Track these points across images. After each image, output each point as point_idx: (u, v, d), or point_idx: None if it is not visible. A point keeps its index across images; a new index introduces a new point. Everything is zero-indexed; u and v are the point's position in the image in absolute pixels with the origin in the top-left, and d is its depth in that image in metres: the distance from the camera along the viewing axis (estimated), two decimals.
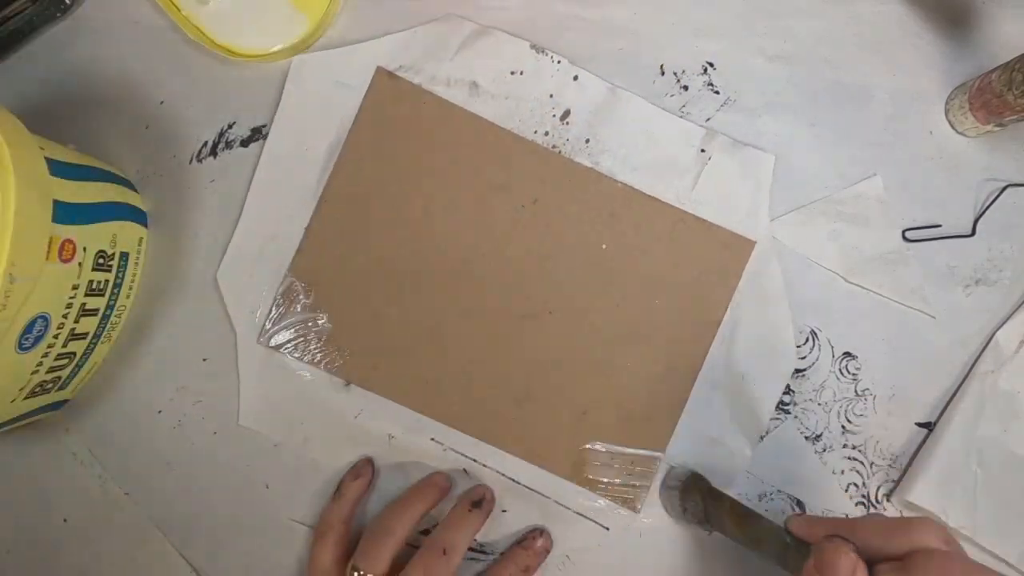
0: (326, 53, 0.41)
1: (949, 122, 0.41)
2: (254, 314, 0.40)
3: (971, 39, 0.41)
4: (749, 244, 0.40)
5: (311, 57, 0.41)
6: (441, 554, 0.34)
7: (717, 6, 0.41)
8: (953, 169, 0.41)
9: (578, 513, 0.39)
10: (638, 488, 0.39)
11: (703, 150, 0.40)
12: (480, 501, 0.37)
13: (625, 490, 0.39)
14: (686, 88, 0.41)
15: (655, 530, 0.39)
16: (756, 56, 0.41)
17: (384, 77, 0.40)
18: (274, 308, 0.40)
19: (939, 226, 0.40)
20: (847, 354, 0.40)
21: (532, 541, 0.38)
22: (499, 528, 0.39)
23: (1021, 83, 0.35)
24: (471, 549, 0.39)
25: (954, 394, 0.40)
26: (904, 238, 0.40)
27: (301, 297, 0.40)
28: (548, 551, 0.39)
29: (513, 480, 0.39)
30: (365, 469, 0.39)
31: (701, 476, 0.37)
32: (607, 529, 0.39)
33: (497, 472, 0.39)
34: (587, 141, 0.41)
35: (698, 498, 0.36)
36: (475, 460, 0.40)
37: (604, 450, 0.39)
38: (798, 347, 0.40)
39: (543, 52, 0.41)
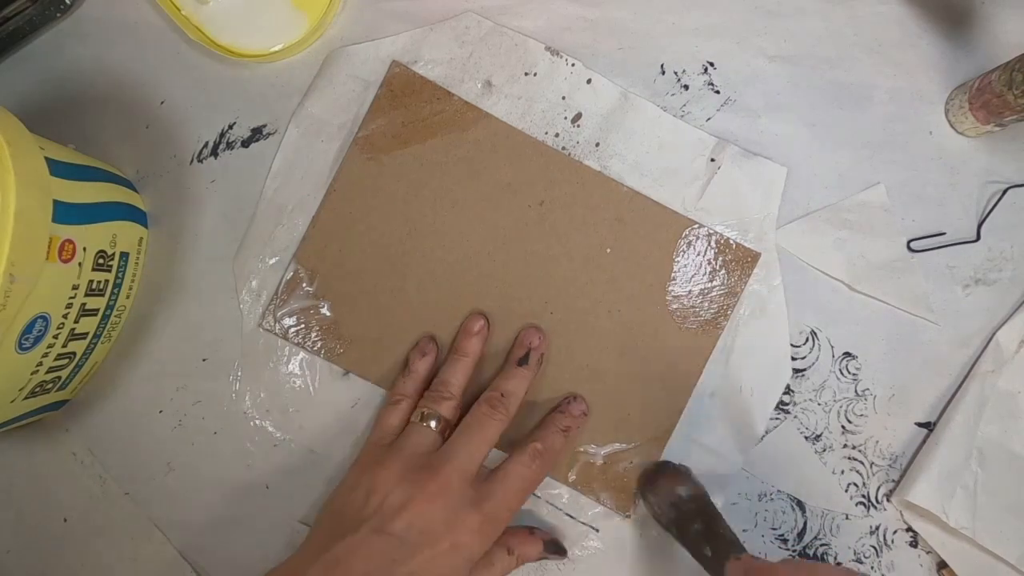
0: (352, 48, 0.41)
1: (949, 122, 0.41)
2: (259, 299, 0.40)
3: (971, 39, 0.41)
4: (754, 256, 0.40)
5: (338, 51, 0.41)
6: (500, 397, 0.37)
7: (717, 6, 0.41)
8: (953, 169, 0.41)
9: (569, 515, 0.39)
10: (630, 493, 0.39)
11: (713, 159, 0.40)
12: (526, 356, 0.38)
13: (617, 494, 0.39)
14: (686, 87, 0.41)
15: (646, 535, 0.39)
16: (756, 56, 0.41)
17: (399, 71, 0.41)
18: (278, 294, 0.40)
19: (943, 234, 0.40)
20: (847, 354, 0.40)
21: (567, 405, 0.39)
22: None
23: (1021, 83, 0.35)
24: None
25: (954, 394, 0.40)
26: (909, 248, 0.40)
27: (305, 285, 0.40)
28: (586, 414, 0.39)
29: None
30: (430, 346, 0.39)
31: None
32: (597, 530, 0.39)
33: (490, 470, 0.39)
34: (597, 145, 0.41)
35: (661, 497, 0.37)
36: None
37: (597, 453, 0.39)
38: (798, 347, 0.40)
39: (558, 54, 0.41)
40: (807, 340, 0.40)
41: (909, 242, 0.40)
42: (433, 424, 0.36)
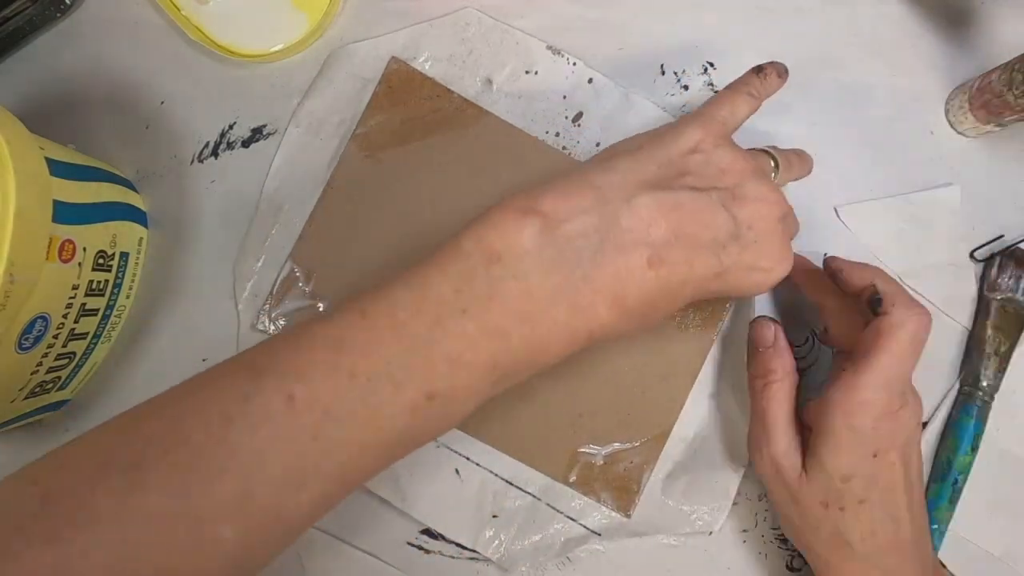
0: (352, 46, 0.41)
1: (949, 122, 0.41)
2: (257, 299, 0.40)
3: (971, 39, 0.41)
4: None
5: (338, 51, 0.41)
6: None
7: (717, 6, 0.41)
8: (954, 169, 0.41)
9: (569, 517, 0.39)
10: (631, 493, 0.39)
11: None
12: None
13: (618, 494, 0.39)
14: (686, 88, 0.41)
15: (647, 536, 0.39)
16: (756, 56, 0.41)
17: (397, 67, 0.40)
18: (273, 294, 0.40)
19: (1002, 236, 0.40)
20: None
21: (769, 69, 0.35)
22: (487, 531, 0.39)
23: (1021, 83, 0.35)
24: (460, 546, 0.39)
25: (949, 392, 0.40)
26: (972, 258, 0.40)
27: (301, 284, 0.40)
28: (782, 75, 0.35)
29: (507, 481, 0.39)
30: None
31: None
32: (599, 535, 0.39)
33: (490, 472, 0.39)
34: (598, 144, 0.40)
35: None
36: (468, 458, 0.39)
37: (598, 454, 0.39)
38: (799, 347, 0.40)
39: (559, 53, 0.41)
40: (807, 340, 0.40)
41: (972, 251, 0.40)
42: None
